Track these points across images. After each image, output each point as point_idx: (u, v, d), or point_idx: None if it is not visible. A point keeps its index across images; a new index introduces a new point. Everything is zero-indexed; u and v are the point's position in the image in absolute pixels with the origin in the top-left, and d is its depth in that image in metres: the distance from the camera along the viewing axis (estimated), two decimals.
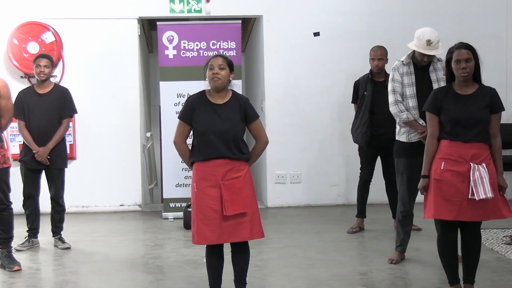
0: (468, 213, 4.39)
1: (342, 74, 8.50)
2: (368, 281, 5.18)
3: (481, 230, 4.88)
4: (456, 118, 4.44)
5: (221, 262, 4.55)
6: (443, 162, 4.45)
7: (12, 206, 5.71)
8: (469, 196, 4.34)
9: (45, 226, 6.69)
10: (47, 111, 6.36)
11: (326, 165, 8.57)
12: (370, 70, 6.88)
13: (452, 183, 4.40)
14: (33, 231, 6.50)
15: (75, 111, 6.65)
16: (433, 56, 5.48)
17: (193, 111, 4.41)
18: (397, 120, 5.54)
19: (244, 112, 4.39)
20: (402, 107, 5.48)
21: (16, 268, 5.60)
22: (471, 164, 4.37)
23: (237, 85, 7.84)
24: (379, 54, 6.78)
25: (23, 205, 6.48)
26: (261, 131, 4.44)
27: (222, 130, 4.28)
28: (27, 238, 6.46)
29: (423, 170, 4.58)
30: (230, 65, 4.51)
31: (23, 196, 6.46)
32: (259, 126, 4.43)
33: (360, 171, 7.10)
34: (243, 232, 4.32)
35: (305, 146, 8.56)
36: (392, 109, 5.54)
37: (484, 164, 4.37)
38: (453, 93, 4.51)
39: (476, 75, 4.49)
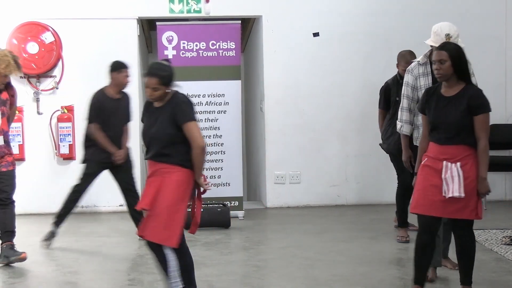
0: (439, 209, 4.39)
1: (341, 74, 8.51)
2: (368, 281, 5.18)
3: (481, 231, 4.90)
4: (435, 122, 4.45)
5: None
6: (426, 158, 4.48)
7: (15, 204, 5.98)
8: (442, 194, 4.35)
9: (46, 225, 6.68)
10: (120, 116, 6.72)
11: (326, 165, 8.57)
12: (399, 74, 6.64)
13: (427, 179, 4.41)
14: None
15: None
16: None
17: (144, 114, 4.52)
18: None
19: (174, 116, 4.27)
20: (405, 116, 5.35)
21: (23, 255, 5.79)
22: (444, 162, 4.36)
23: (238, 85, 7.88)
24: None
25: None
26: (192, 135, 4.25)
27: (151, 133, 4.34)
28: None
29: (415, 169, 4.64)
30: (165, 82, 4.31)
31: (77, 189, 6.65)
32: (189, 130, 4.24)
33: (397, 180, 6.72)
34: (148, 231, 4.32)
35: (305, 146, 8.55)
36: (398, 114, 5.46)
37: (458, 164, 4.32)
38: (438, 94, 4.48)
39: (462, 76, 4.41)
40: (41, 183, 8.16)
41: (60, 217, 6.57)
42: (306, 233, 6.96)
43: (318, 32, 8.45)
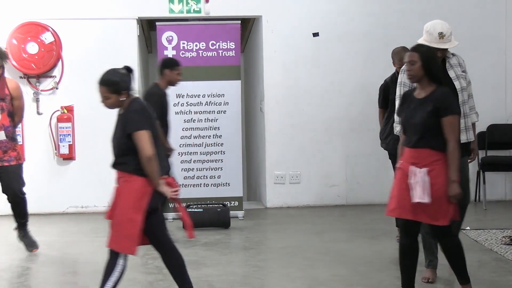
0: (412, 213, 4.34)
1: (341, 74, 8.51)
2: (368, 281, 5.18)
3: (481, 231, 4.89)
4: (404, 124, 4.45)
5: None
6: (401, 161, 4.46)
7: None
8: (415, 199, 4.30)
9: (46, 225, 6.68)
10: (168, 112, 6.75)
11: (326, 165, 8.57)
12: (396, 72, 6.44)
13: (401, 182, 4.37)
14: None
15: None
16: (446, 51, 5.01)
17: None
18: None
19: (124, 124, 4.27)
20: None
21: (34, 250, 6.20)
22: (411, 167, 4.31)
23: (237, 87, 7.87)
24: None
25: None
26: (139, 145, 4.17)
27: (111, 141, 4.40)
28: None
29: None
30: (114, 90, 4.28)
31: None
32: (137, 139, 4.18)
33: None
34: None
35: (305, 146, 8.55)
36: (395, 116, 5.20)
37: (425, 169, 4.26)
38: (412, 96, 4.47)
39: (433, 78, 4.37)
40: (41, 183, 8.15)
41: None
42: (306, 233, 6.96)
43: (318, 32, 8.45)
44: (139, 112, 4.24)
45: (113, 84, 4.25)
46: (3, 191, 6.16)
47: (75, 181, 8.25)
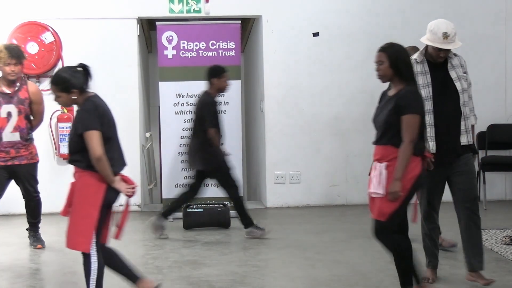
0: (373, 211, 4.38)
1: (341, 74, 8.51)
2: (368, 281, 5.18)
3: (481, 230, 4.88)
4: (373, 121, 4.46)
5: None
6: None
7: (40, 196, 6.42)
8: (370, 191, 4.35)
9: (46, 225, 6.68)
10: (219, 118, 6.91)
11: (326, 165, 8.57)
12: None
13: (370, 179, 4.41)
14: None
15: None
16: (449, 52, 4.88)
17: None
18: None
19: (75, 124, 4.25)
20: None
21: (39, 246, 6.36)
22: (374, 162, 4.36)
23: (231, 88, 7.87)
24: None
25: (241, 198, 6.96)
26: (88, 145, 4.14)
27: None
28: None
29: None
30: (63, 89, 4.25)
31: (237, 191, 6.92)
32: (85, 139, 4.15)
33: None
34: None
35: (305, 146, 8.55)
36: None
37: (385, 164, 4.27)
38: (385, 94, 4.51)
39: (402, 76, 4.34)
40: (41, 183, 8.11)
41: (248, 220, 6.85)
42: (306, 233, 6.96)
43: (318, 32, 8.45)
44: (90, 112, 4.20)
45: (62, 83, 4.25)
46: (19, 187, 6.35)
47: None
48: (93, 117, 4.18)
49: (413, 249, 4.42)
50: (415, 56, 4.99)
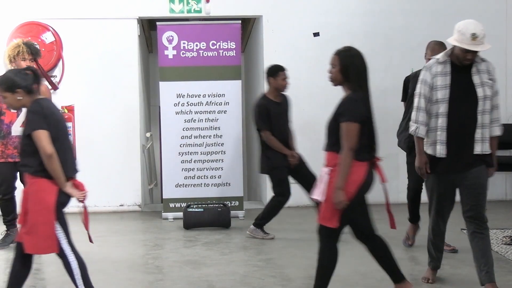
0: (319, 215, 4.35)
1: None
2: (368, 281, 5.18)
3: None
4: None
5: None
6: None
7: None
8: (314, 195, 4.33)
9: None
10: (284, 118, 6.87)
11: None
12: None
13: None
14: None
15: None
16: (476, 54, 4.61)
17: None
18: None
19: (24, 126, 4.27)
20: (421, 117, 4.73)
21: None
22: (323, 168, 4.34)
23: (236, 86, 7.87)
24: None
25: (279, 202, 6.81)
26: (38, 144, 4.15)
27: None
28: None
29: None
30: (8, 88, 4.25)
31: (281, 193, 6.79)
32: (35, 139, 4.15)
33: (407, 180, 6.32)
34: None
35: (305, 146, 8.53)
36: (412, 114, 4.85)
37: (329, 169, 4.26)
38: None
39: (350, 83, 4.34)
40: None
41: (265, 221, 6.84)
42: (306, 233, 6.95)
43: (319, 32, 8.46)
44: (36, 113, 4.21)
45: (5, 82, 4.26)
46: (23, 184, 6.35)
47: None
48: (39, 117, 4.19)
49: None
50: (438, 56, 4.77)
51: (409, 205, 6.34)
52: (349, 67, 4.31)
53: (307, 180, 6.68)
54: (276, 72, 6.79)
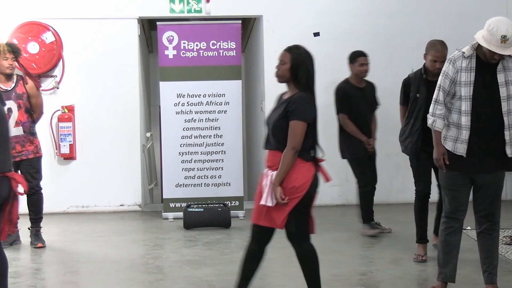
0: (265, 219, 4.22)
1: (342, 74, 8.44)
2: (368, 281, 5.18)
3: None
4: (266, 123, 4.35)
5: None
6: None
7: (43, 191, 6.53)
8: (260, 202, 4.19)
9: (46, 225, 6.68)
10: (366, 104, 6.88)
11: (326, 165, 8.52)
12: (424, 67, 5.71)
13: (260, 188, 4.27)
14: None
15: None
16: (502, 55, 4.36)
17: None
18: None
19: None
20: (439, 110, 4.51)
21: (39, 245, 6.39)
22: (265, 169, 4.25)
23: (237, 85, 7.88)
24: (444, 56, 5.49)
25: (364, 193, 6.89)
26: None
27: None
28: None
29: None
30: None
31: (371, 184, 6.91)
32: None
33: (415, 186, 5.99)
34: None
35: None
36: (430, 107, 4.60)
37: (275, 172, 4.18)
38: (281, 97, 4.41)
39: (298, 82, 4.28)
40: (41, 183, 8.15)
41: (365, 216, 6.84)
42: None
43: (319, 32, 8.45)
44: None
45: None
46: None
47: (76, 181, 8.26)
48: None
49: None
50: (464, 50, 4.48)
51: (417, 220, 5.87)
52: (300, 66, 4.26)
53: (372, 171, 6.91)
54: (354, 58, 6.83)
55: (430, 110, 4.58)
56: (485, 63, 4.41)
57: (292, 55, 4.26)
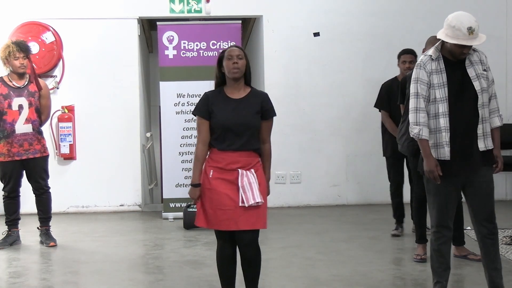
0: (241, 222, 4.16)
1: (342, 74, 8.51)
2: (368, 281, 5.18)
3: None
4: (226, 124, 4.16)
5: None
6: (211, 171, 4.20)
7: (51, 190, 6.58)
8: (240, 204, 4.13)
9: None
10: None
11: (326, 165, 8.57)
12: None
13: (222, 192, 4.17)
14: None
15: None
16: (471, 47, 4.34)
17: None
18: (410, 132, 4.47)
19: None
20: (422, 118, 4.33)
21: (51, 244, 6.46)
22: (239, 170, 4.15)
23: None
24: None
25: (390, 193, 6.80)
26: None
27: None
28: None
29: (193, 179, 4.26)
30: None
31: (394, 184, 6.75)
32: None
33: (411, 186, 6.17)
34: None
35: (305, 146, 8.56)
36: (410, 117, 4.39)
37: (253, 170, 4.18)
38: (224, 96, 4.24)
39: (247, 79, 4.27)
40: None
41: (394, 215, 6.80)
42: (306, 233, 6.96)
43: (319, 32, 8.46)
44: None
45: None
46: (29, 182, 6.51)
47: (76, 181, 8.27)
48: None
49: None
50: (429, 53, 4.45)
51: (416, 220, 5.83)
52: (248, 62, 4.29)
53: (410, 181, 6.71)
54: (398, 55, 6.81)
55: (412, 119, 4.38)
56: (453, 62, 4.36)
57: (244, 52, 4.28)
